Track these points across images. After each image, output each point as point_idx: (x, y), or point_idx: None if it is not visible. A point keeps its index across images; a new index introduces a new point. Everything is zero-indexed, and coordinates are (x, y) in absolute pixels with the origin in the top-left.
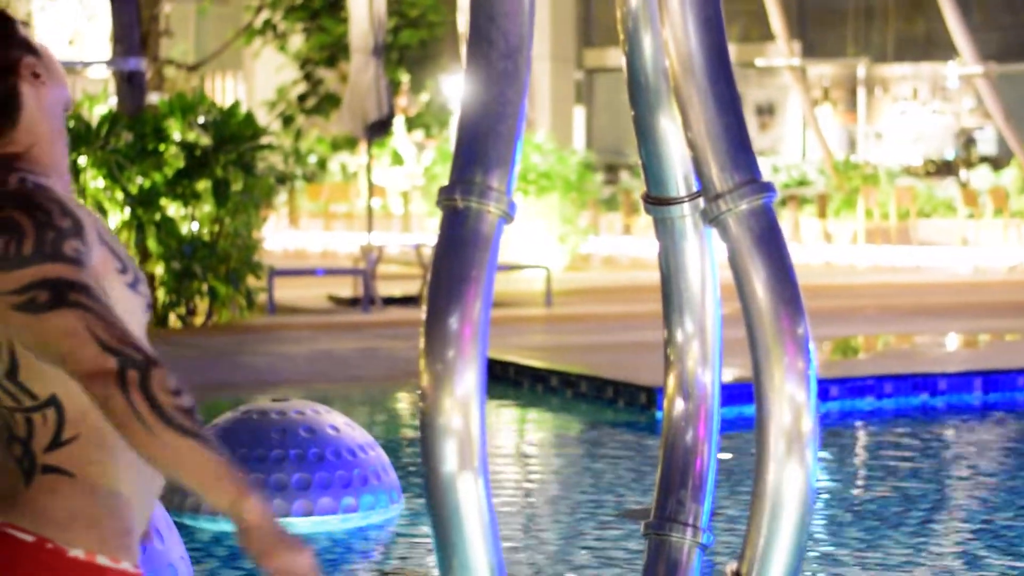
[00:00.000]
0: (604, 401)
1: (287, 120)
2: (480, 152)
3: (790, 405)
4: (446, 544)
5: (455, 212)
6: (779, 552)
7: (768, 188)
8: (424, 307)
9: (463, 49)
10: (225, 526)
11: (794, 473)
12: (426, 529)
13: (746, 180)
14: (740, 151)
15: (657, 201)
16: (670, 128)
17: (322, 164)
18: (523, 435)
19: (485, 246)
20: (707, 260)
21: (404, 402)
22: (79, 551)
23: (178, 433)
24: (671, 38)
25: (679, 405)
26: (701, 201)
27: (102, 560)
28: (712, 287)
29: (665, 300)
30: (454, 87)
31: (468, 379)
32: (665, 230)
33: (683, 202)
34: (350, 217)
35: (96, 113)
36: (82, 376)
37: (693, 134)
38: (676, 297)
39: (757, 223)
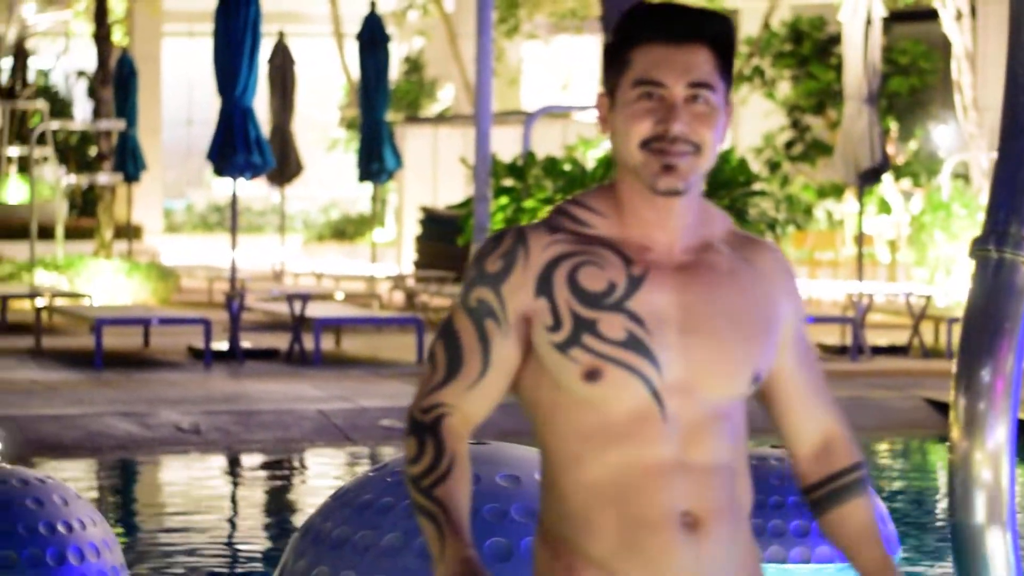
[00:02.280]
0: None
1: (773, 166)
2: (1016, 203)
3: None
4: None
5: (988, 263)
6: None
7: None
8: (955, 358)
9: (955, 97)
10: None
11: None
12: None
13: None
14: None
15: None
16: None
17: (808, 211)
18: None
19: (1019, 298)
20: None
21: (895, 452)
22: None
23: (410, 497)
24: None
25: None
26: None
27: None
28: None
29: None
30: (943, 136)
31: (999, 432)
32: None
33: None
34: (835, 265)
35: (591, 157)
36: None
37: None
38: None
39: None
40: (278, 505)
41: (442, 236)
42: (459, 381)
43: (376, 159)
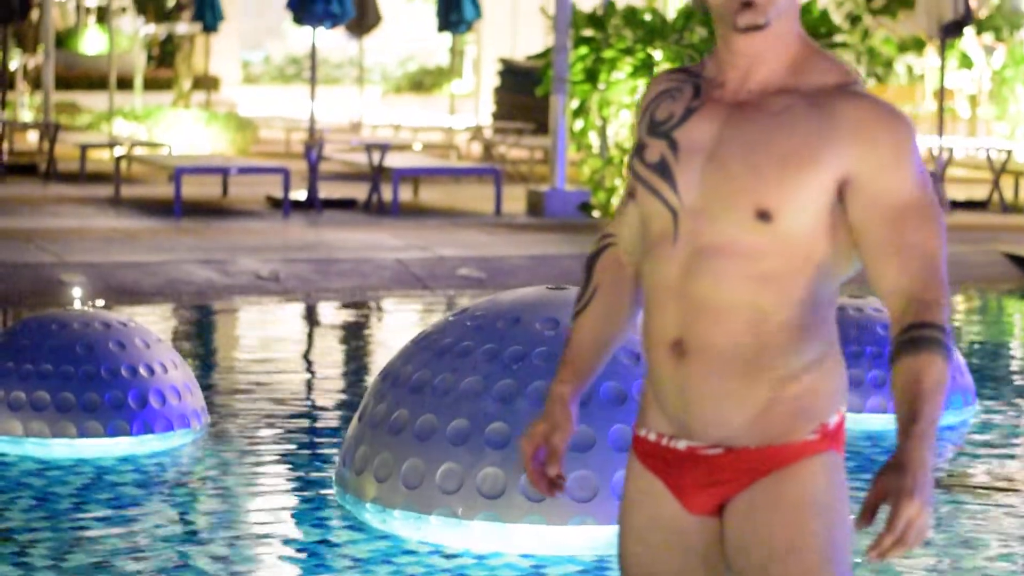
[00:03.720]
0: None
1: (854, 19)
2: None
3: None
4: None
5: None
6: None
7: None
8: None
9: None
10: None
11: None
12: (999, 431)
13: None
14: None
15: None
16: None
17: (888, 65)
18: None
19: None
20: None
21: (972, 306)
22: None
23: None
24: None
25: None
26: None
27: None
28: None
29: None
30: None
31: None
32: None
33: None
34: (915, 119)
35: (672, 7)
36: None
37: None
38: None
39: None
40: (356, 351)
41: (521, 87)
42: (618, 211)
43: (455, 9)
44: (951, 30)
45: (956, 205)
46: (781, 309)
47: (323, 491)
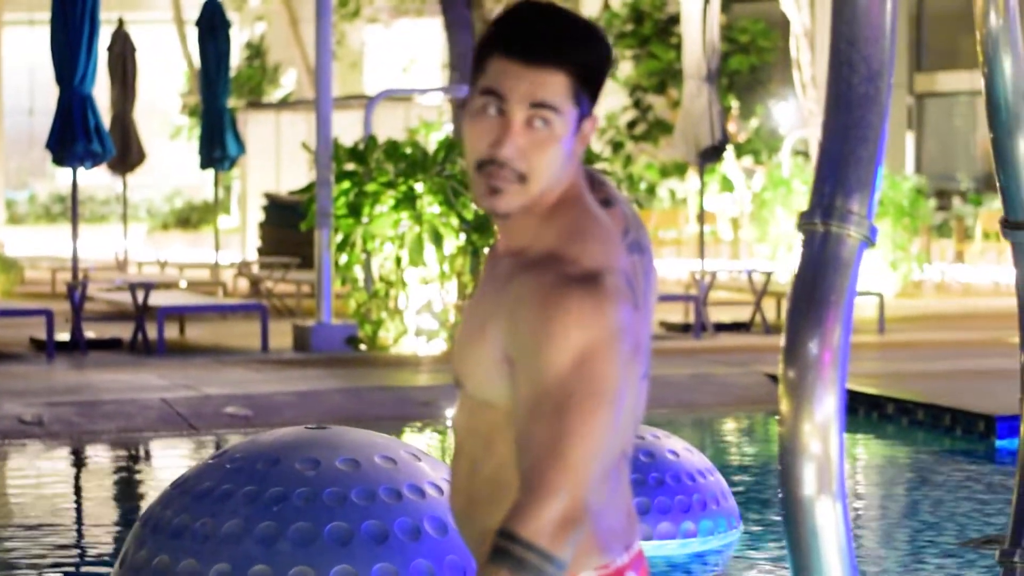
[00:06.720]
0: (941, 429)
1: (616, 146)
2: (841, 176)
3: None
4: (802, 568)
5: (815, 236)
6: None
7: None
8: (784, 332)
9: (794, 74)
10: None
11: None
12: (764, 554)
13: None
14: None
15: (1016, 226)
16: None
17: (651, 190)
18: (858, 462)
19: (845, 271)
20: None
21: (737, 428)
22: None
23: None
24: None
25: None
26: None
27: None
28: None
29: (1022, 326)
30: (784, 113)
31: (828, 404)
32: (1023, 255)
33: None
34: (678, 243)
35: (432, 140)
36: None
37: None
38: None
39: None
40: (122, 496)
41: (285, 222)
42: None
43: (218, 146)
44: (709, 155)
45: (720, 328)
46: (488, 463)
47: None
